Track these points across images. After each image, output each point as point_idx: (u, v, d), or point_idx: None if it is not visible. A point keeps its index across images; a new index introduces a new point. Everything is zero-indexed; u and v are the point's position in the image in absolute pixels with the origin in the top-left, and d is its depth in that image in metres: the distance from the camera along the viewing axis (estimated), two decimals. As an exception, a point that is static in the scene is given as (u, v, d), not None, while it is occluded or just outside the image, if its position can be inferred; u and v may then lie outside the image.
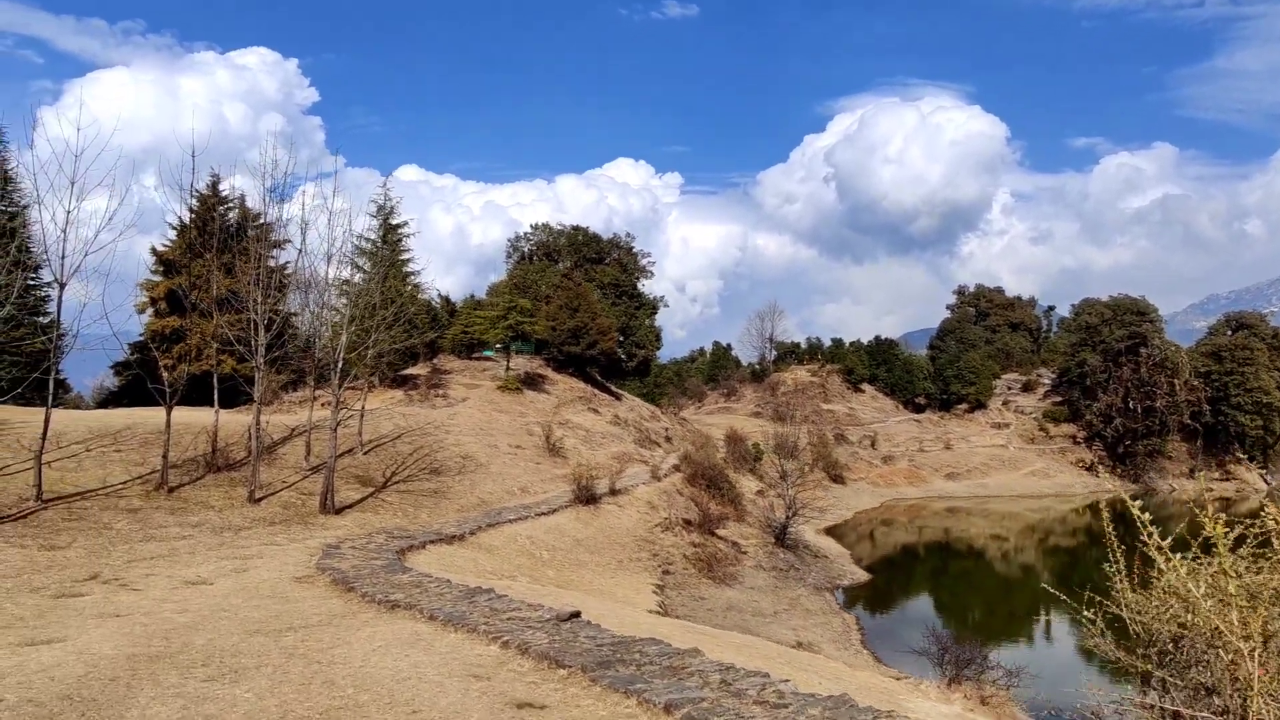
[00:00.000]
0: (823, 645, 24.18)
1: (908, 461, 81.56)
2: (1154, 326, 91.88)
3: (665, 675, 8.94)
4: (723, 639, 12.73)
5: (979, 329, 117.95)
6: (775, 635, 23.93)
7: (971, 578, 49.32)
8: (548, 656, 9.67)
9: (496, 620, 11.82)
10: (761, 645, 12.92)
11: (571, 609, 12.00)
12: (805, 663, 11.64)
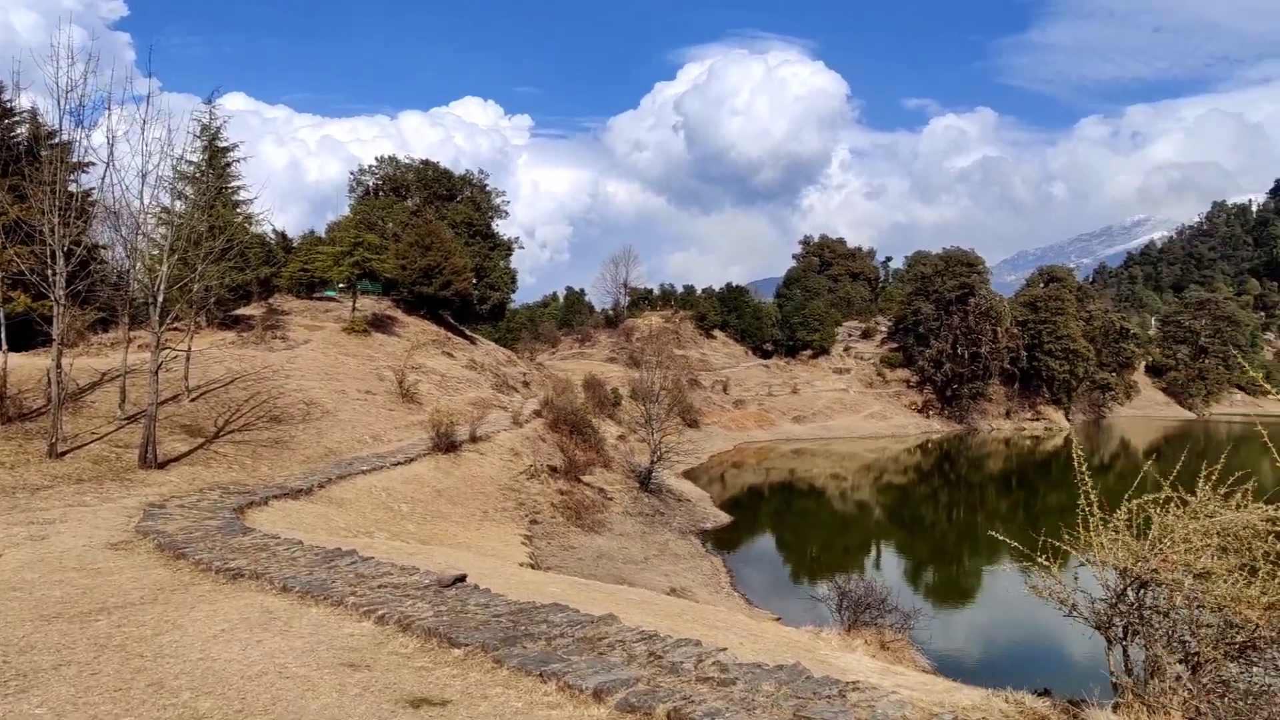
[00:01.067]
0: (696, 590, 23.75)
1: (758, 406, 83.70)
2: (981, 278, 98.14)
3: (582, 650, 7.63)
4: (619, 595, 11.67)
5: (822, 278, 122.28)
6: (649, 582, 23.25)
7: (814, 515, 51.06)
8: (436, 633, 8.12)
9: (366, 589, 10.08)
10: (664, 601, 11.99)
11: (455, 571, 10.43)
12: (717, 619, 10.78)
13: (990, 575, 35.34)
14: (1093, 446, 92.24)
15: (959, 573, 36.09)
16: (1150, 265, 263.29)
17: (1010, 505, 58.60)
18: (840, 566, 35.71)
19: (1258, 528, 6.31)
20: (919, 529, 49.68)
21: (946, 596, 29.88)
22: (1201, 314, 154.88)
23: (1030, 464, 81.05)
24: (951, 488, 66.50)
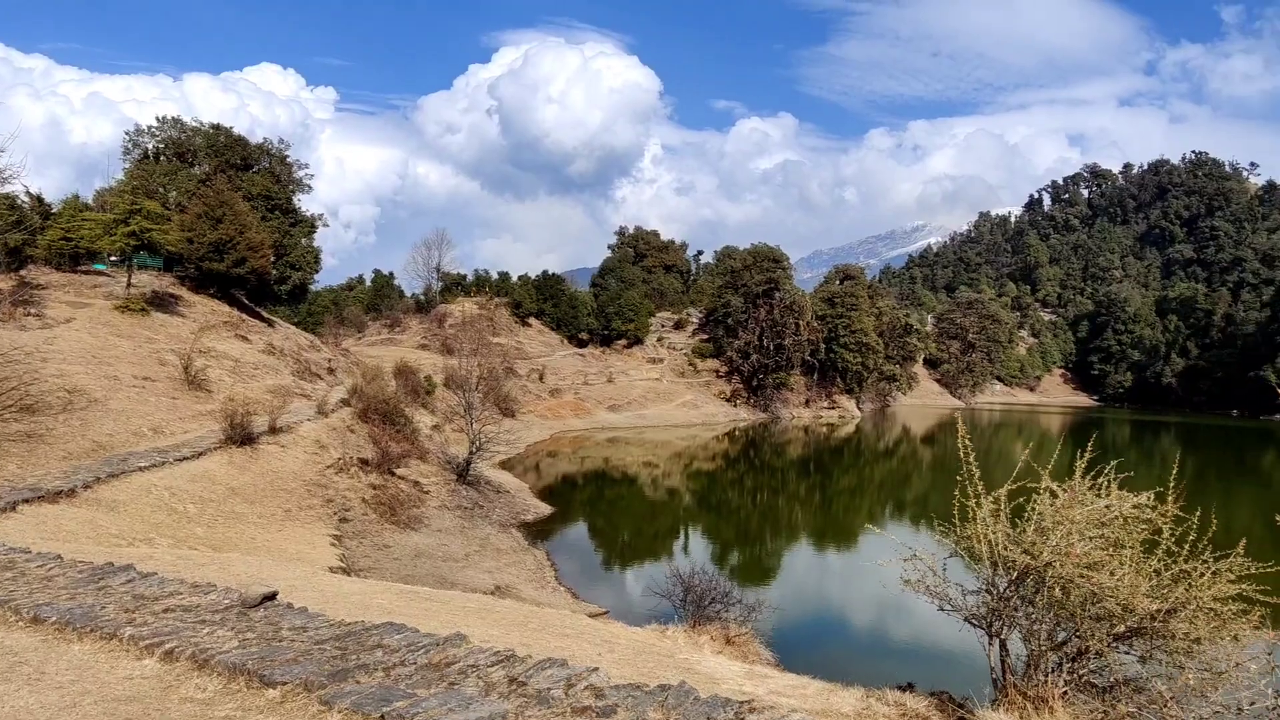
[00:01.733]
0: (521, 587, 22.73)
1: (574, 394, 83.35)
2: (785, 274, 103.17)
3: (429, 680, 6.48)
4: (455, 604, 10.46)
5: (637, 269, 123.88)
6: (472, 581, 21.95)
7: (629, 503, 51.36)
8: (244, 669, 6.66)
9: (148, 615, 8.30)
10: (505, 608, 10.91)
11: (263, 588, 8.84)
12: (565, 626, 9.88)
13: (810, 559, 36.79)
14: (878, 433, 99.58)
15: (780, 557, 37.29)
16: (928, 267, 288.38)
17: (809, 488, 61.74)
18: (652, 553, 35.91)
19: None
20: (727, 512, 51.12)
21: (767, 581, 30.61)
22: (970, 313, 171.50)
23: (826, 449, 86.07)
24: (756, 473, 69.19)
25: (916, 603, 22.68)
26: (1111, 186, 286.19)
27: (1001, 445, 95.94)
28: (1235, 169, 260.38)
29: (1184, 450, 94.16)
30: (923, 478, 70.74)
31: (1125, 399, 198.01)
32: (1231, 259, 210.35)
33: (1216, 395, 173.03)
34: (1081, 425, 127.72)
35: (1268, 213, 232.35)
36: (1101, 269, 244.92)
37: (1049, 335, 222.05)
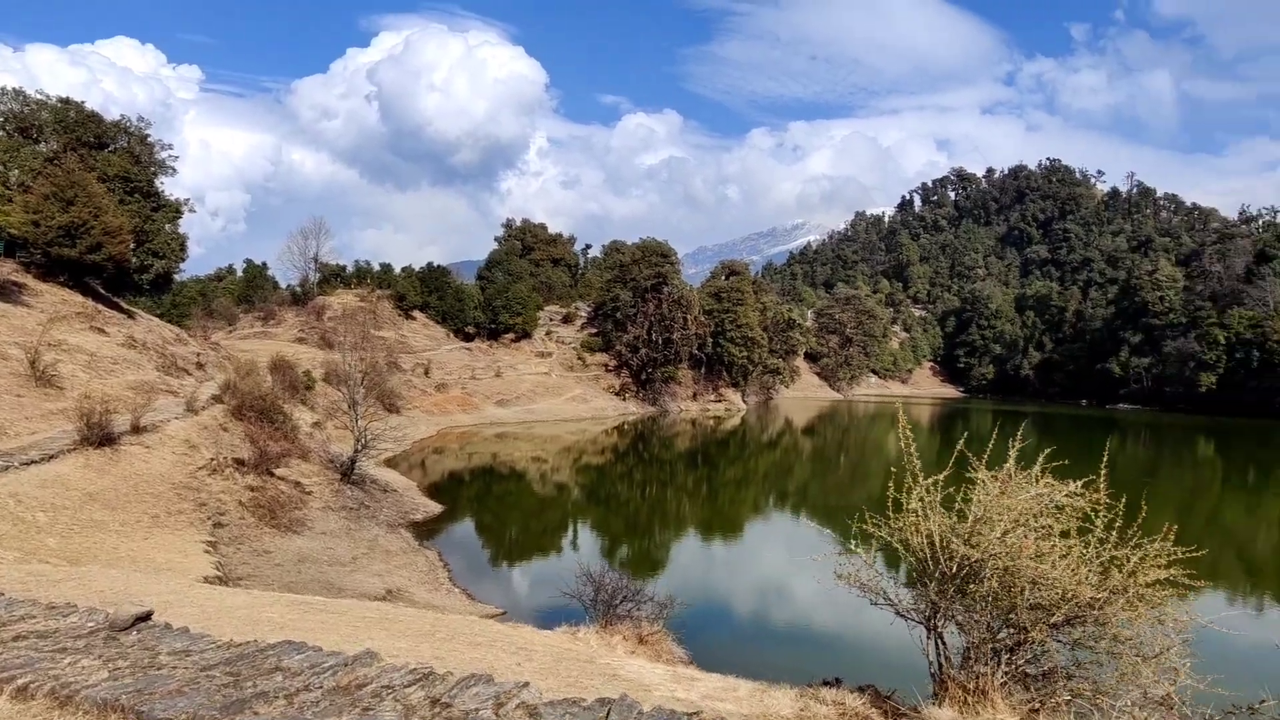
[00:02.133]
0: (414, 590, 21.76)
1: (461, 389, 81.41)
2: (674, 268, 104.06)
3: (341, 706, 5.80)
4: (354, 614, 9.66)
5: (525, 262, 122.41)
6: (361, 586, 20.85)
7: (519, 499, 50.50)
8: (117, 705, 5.77)
9: (-5, 643, 7.22)
10: (409, 617, 10.11)
11: (136, 607, 7.84)
12: (476, 634, 9.27)
13: (703, 551, 36.97)
14: (762, 425, 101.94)
15: (671, 550, 37.30)
16: (808, 264, 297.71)
17: (696, 480, 62.41)
18: (544, 549, 35.37)
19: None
20: (616, 506, 51.00)
21: (659, 574, 30.46)
22: (848, 308, 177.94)
23: (713, 442, 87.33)
24: (645, 466, 69.45)
25: (816, 593, 22.92)
26: (976, 190, 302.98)
27: (878, 436, 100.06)
28: (1085, 176, 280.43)
29: (1039, 437, 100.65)
30: (803, 468, 72.72)
31: (988, 390, 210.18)
32: (1081, 259, 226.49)
33: (1068, 386, 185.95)
34: (949, 415, 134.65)
35: (1111, 217, 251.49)
36: (967, 267, 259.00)
37: (920, 330, 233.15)
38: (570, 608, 23.24)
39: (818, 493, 57.68)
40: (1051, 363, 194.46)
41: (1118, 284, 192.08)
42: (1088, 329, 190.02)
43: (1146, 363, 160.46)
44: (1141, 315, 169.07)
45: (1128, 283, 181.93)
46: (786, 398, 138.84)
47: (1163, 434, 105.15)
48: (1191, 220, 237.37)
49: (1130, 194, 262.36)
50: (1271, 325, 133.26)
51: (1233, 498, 56.25)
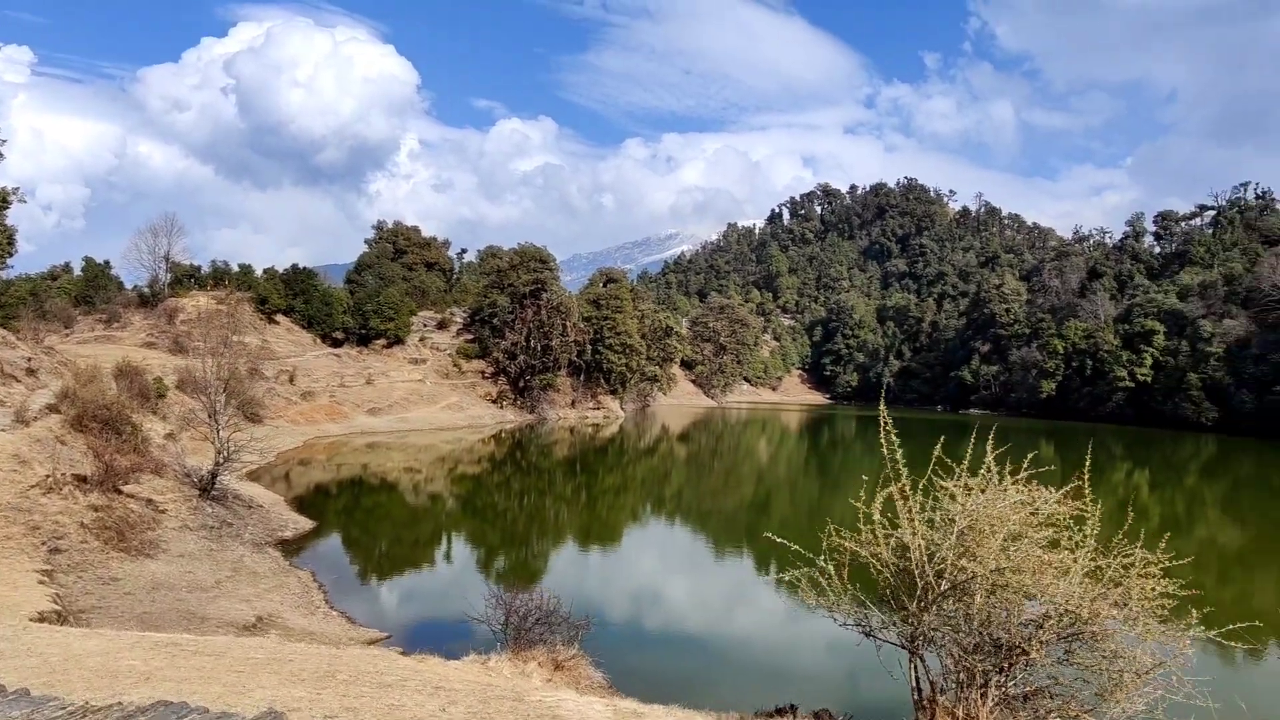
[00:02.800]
0: (288, 615, 20.01)
1: (329, 398, 77.48)
2: (552, 274, 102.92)
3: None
4: (233, 654, 8.33)
5: (397, 266, 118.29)
6: (228, 614, 18.97)
7: (387, 511, 48.29)
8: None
9: None
10: (299, 656, 8.81)
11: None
12: (383, 673, 8.18)
13: (587, 561, 36.17)
14: (639, 432, 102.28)
15: (549, 560, 36.28)
16: (682, 273, 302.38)
17: (575, 488, 61.70)
18: (422, 564, 33.79)
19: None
20: (493, 516, 49.56)
21: (549, 586, 29.50)
22: (722, 317, 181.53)
23: (591, 449, 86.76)
24: (524, 475, 68.07)
25: (724, 603, 22.62)
26: (840, 205, 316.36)
27: (750, 441, 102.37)
28: (939, 194, 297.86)
29: (902, 440, 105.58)
30: (680, 473, 73.17)
31: (852, 397, 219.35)
32: (936, 273, 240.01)
33: (925, 393, 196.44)
34: (817, 421, 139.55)
35: (963, 234, 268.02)
36: (833, 279, 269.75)
37: (789, 339, 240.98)
38: (460, 627, 22.02)
39: (693, 498, 58.06)
40: (910, 370, 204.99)
41: (969, 297, 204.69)
42: (942, 339, 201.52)
43: (995, 370, 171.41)
44: (990, 326, 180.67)
45: (978, 296, 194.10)
46: (663, 405, 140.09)
47: (1009, 437, 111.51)
48: (1032, 238, 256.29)
49: (979, 213, 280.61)
50: (1102, 336, 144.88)
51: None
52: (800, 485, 63.74)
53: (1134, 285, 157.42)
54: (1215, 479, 71.05)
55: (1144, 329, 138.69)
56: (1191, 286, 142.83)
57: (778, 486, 64.34)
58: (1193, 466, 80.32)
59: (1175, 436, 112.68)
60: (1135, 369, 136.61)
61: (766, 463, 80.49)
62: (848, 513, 31.96)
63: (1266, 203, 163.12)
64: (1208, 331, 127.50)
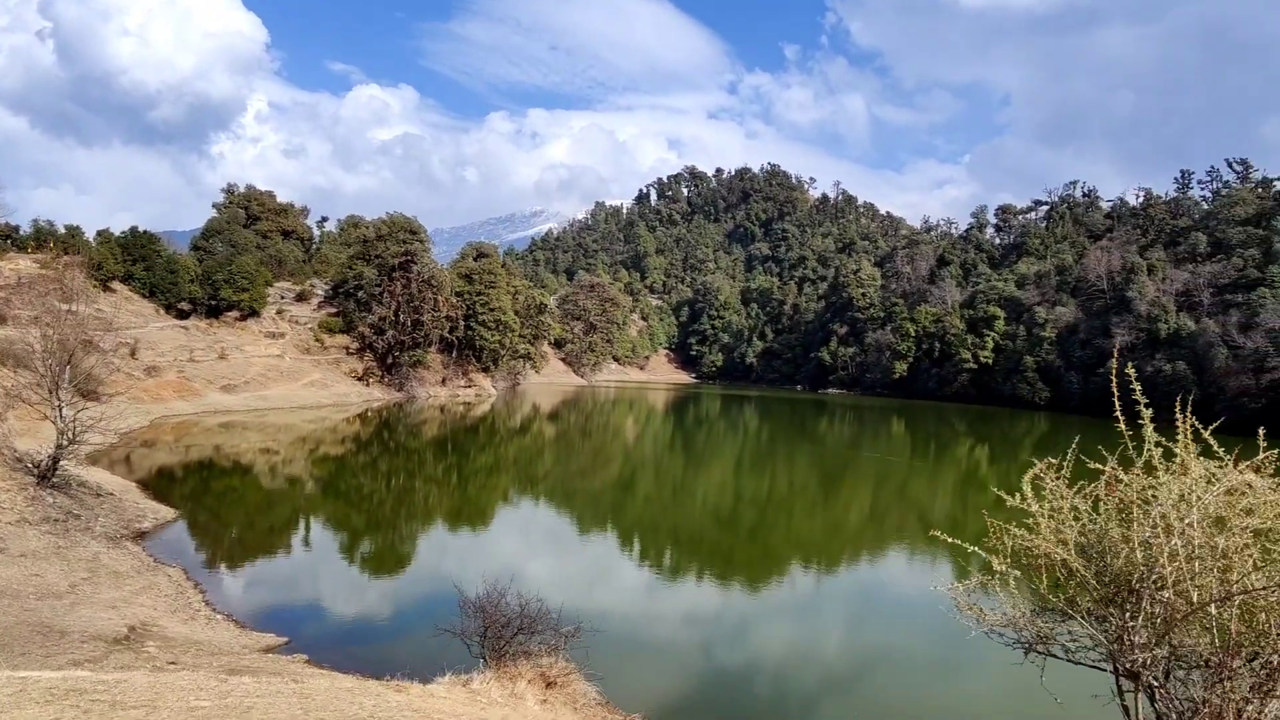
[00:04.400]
0: (165, 622, 17.53)
1: (177, 373, 71.09)
2: (423, 246, 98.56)
3: None
4: (169, 703, 6.51)
5: (250, 233, 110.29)
6: (93, 623, 16.37)
7: (253, 496, 44.60)
8: None
9: None
10: (262, 700, 7.00)
11: None
12: (359, 708, 6.63)
13: (469, 543, 34.39)
14: (511, 411, 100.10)
15: (418, 542, 34.25)
16: (550, 251, 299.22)
17: (446, 468, 59.52)
18: (290, 549, 31.16)
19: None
20: (359, 499, 46.64)
21: (440, 573, 27.56)
22: (592, 295, 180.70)
23: (462, 429, 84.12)
24: (391, 455, 65.00)
25: (677, 595, 21.39)
26: (706, 188, 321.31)
27: (618, 420, 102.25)
28: (800, 181, 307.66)
29: (760, 418, 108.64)
30: (551, 452, 71.97)
31: (717, 376, 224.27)
32: (797, 258, 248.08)
33: (787, 373, 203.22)
34: (683, 400, 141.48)
35: (821, 220, 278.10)
36: (699, 260, 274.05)
37: (656, 319, 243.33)
38: (361, 626, 20.11)
39: (562, 475, 57.11)
40: (772, 351, 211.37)
41: (827, 281, 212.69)
42: (803, 321, 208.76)
43: (852, 352, 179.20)
44: (848, 310, 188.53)
45: (836, 280, 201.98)
46: (533, 383, 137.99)
47: (864, 415, 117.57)
48: (885, 227, 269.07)
49: (837, 200, 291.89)
50: (949, 321, 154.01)
51: (920, 467, 63.48)
52: (665, 464, 63.93)
53: (977, 273, 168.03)
54: (1046, 454, 76.76)
55: (986, 314, 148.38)
56: (1028, 276, 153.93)
57: (643, 464, 64.36)
58: (1027, 442, 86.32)
59: (1012, 414, 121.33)
60: (978, 351, 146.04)
61: (633, 441, 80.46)
62: (711, 490, 31.80)
63: (1092, 200, 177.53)
64: (1042, 318, 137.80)
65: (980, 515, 20.97)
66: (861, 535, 37.89)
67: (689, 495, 49.35)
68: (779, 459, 69.24)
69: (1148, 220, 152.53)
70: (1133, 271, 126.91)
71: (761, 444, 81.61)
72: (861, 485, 56.29)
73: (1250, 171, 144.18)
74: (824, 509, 45.70)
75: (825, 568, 30.25)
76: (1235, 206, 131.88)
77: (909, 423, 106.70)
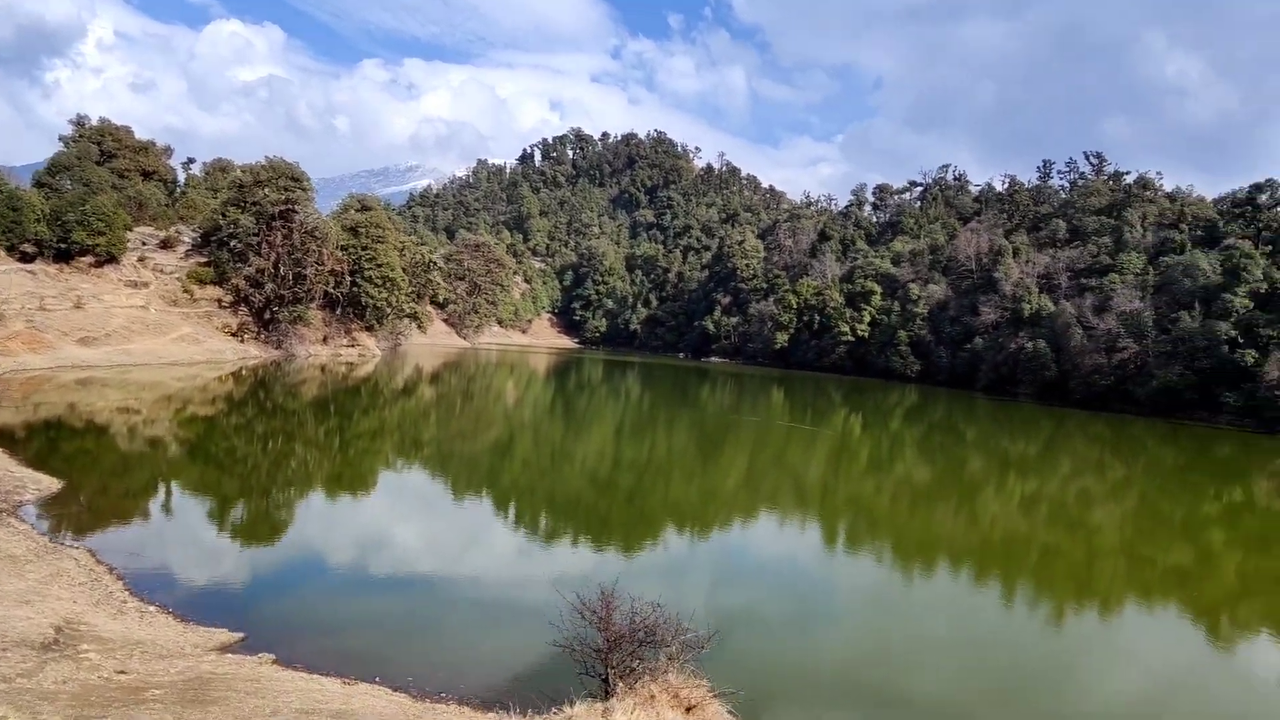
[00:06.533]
0: (91, 618, 15.12)
1: (25, 323, 63.80)
2: (306, 195, 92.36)
3: None
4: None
5: (105, 171, 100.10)
6: (10, 624, 13.89)
7: (131, 459, 40.42)
8: None
9: None
10: None
11: None
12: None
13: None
14: (393, 372, 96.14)
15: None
16: (429, 208, 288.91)
17: (327, 431, 56.46)
18: (180, 522, 28.23)
19: None
20: (230, 464, 43.06)
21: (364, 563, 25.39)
22: (477, 255, 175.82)
23: (344, 390, 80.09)
24: (268, 417, 61.03)
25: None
26: (592, 151, 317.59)
27: (500, 383, 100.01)
28: (685, 150, 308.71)
29: (644, 384, 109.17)
30: (439, 415, 69.54)
31: (601, 342, 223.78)
32: (683, 226, 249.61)
33: (670, 341, 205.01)
34: (565, 365, 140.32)
35: (706, 190, 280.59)
36: (584, 224, 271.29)
37: (540, 282, 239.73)
38: (341, 613, 18.11)
39: (442, 439, 55.24)
40: (656, 319, 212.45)
41: (712, 251, 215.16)
42: (687, 289, 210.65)
43: (735, 321, 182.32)
44: (731, 280, 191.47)
45: (720, 250, 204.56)
46: (416, 344, 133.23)
47: (745, 382, 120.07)
48: (768, 200, 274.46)
49: (721, 171, 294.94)
50: (829, 294, 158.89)
51: (797, 435, 65.08)
52: (545, 429, 62.84)
53: (856, 249, 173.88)
54: (913, 424, 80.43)
55: (864, 289, 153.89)
56: (903, 253, 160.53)
57: (522, 428, 63.10)
58: (898, 412, 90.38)
59: (885, 386, 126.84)
60: (856, 325, 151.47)
61: (513, 406, 78.75)
62: (590, 453, 31.16)
63: (962, 184, 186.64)
64: (915, 294, 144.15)
65: (850, 480, 21.42)
66: (749, 498, 38.25)
67: (568, 460, 48.53)
68: (660, 425, 69.29)
69: (1013, 205, 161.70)
70: (999, 253, 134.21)
71: (642, 411, 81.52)
72: (742, 447, 57.28)
73: (1104, 165, 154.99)
74: (702, 474, 45.86)
75: (698, 532, 30.40)
76: (1090, 197, 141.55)
77: (788, 391, 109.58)
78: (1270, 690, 17.95)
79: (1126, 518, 39.88)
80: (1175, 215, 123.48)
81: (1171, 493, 49.21)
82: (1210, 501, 46.60)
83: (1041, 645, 19.94)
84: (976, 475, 50.86)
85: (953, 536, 32.47)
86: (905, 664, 16.70)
